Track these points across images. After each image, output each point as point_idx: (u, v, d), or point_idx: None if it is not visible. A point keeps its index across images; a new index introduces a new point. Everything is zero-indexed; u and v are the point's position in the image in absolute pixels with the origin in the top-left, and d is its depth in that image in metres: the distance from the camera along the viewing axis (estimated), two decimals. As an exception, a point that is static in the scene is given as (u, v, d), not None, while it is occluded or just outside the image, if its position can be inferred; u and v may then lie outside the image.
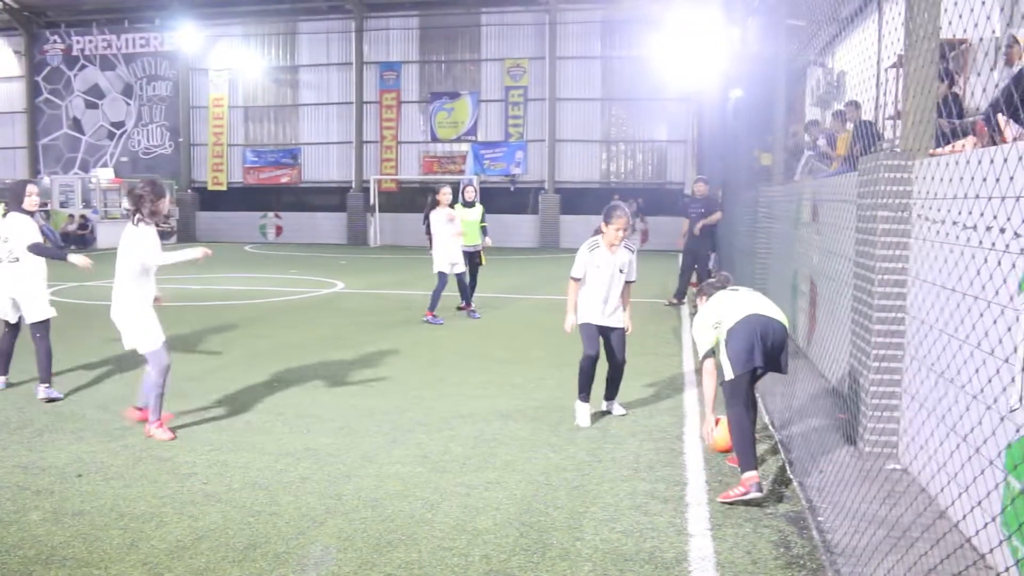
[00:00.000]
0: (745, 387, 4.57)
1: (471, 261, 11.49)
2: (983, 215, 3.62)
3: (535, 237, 28.28)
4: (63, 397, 6.61)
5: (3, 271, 6.58)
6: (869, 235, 5.13)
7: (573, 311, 6.03)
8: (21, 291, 6.60)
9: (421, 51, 29.26)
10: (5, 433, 5.65)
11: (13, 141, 32.96)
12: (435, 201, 10.94)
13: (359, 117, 29.41)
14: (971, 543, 3.42)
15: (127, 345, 5.60)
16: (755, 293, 5.02)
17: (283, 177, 30.67)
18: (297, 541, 3.90)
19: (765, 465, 5.01)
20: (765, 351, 4.53)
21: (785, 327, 4.68)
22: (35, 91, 32.50)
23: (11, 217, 6.60)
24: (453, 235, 10.85)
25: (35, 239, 6.54)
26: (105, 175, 28.10)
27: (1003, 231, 3.45)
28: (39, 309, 6.64)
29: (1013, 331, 3.29)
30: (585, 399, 5.98)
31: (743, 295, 4.89)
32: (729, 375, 4.55)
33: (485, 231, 11.84)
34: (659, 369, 7.87)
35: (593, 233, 6.00)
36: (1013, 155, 3.39)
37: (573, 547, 3.86)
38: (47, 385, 6.59)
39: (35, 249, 6.51)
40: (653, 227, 26.77)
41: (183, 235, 29.55)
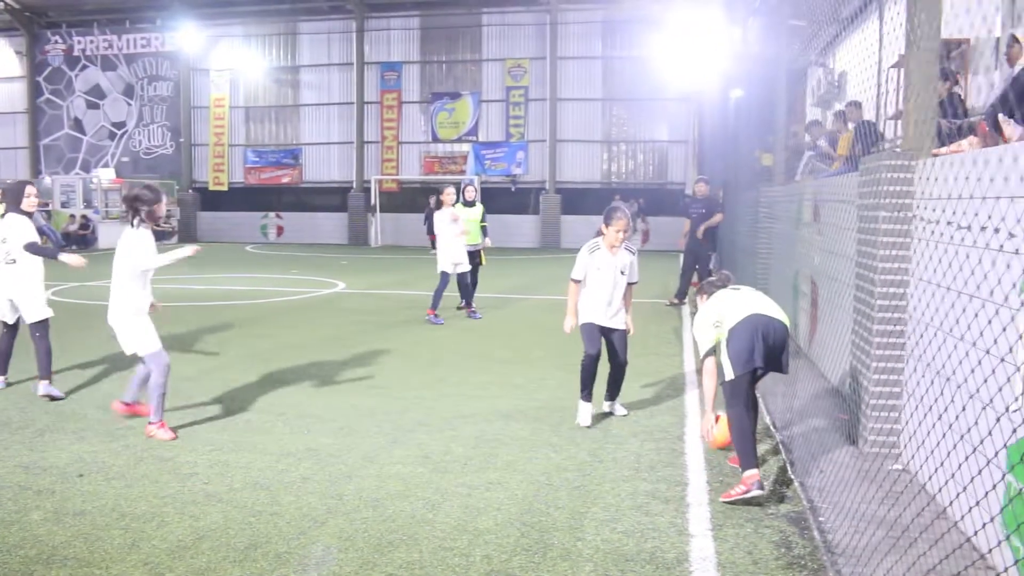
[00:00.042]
0: (745, 387, 4.57)
1: (471, 261, 11.52)
2: (991, 217, 3.62)
3: (536, 237, 28.29)
4: (64, 396, 6.62)
5: (1, 272, 6.59)
6: (870, 235, 5.13)
7: (573, 313, 6.03)
8: (19, 292, 6.61)
9: (422, 51, 29.28)
10: (7, 433, 5.66)
11: (14, 141, 33.01)
12: (439, 201, 11.07)
13: (360, 117, 29.43)
14: (971, 542, 3.42)
15: (127, 350, 5.64)
16: (756, 292, 5.01)
17: (284, 177, 30.70)
18: (298, 541, 3.91)
19: (766, 465, 5.01)
20: (766, 351, 4.53)
21: (786, 326, 4.68)
22: (36, 91, 32.55)
23: (9, 218, 6.60)
24: (457, 235, 10.90)
25: (31, 238, 6.55)
26: (106, 175, 28.12)
27: (1004, 232, 3.44)
28: (37, 309, 6.65)
29: (1007, 331, 3.28)
30: (587, 399, 5.97)
31: (744, 294, 4.88)
32: (730, 375, 4.56)
33: (485, 231, 11.87)
34: (660, 369, 7.87)
35: (595, 235, 6.01)
36: (1011, 155, 3.38)
37: (574, 547, 3.86)
38: (47, 382, 6.61)
39: (31, 248, 6.51)
40: (654, 227, 26.78)
41: (184, 235, 29.56)
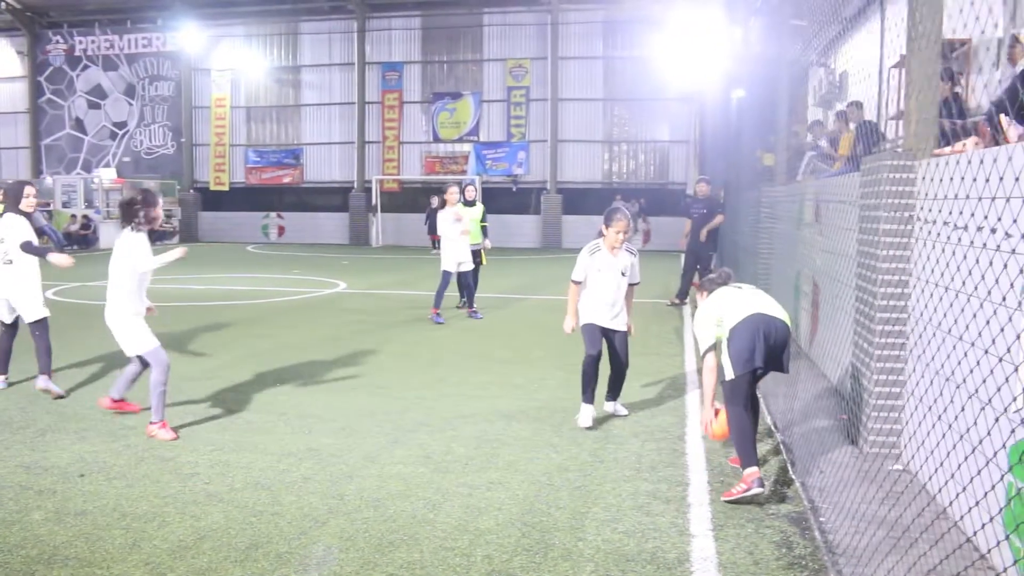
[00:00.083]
0: (745, 387, 4.56)
1: (472, 260, 11.54)
2: (1001, 219, 3.61)
3: (537, 237, 28.30)
4: (66, 394, 6.63)
5: None
6: (872, 235, 5.12)
7: (573, 314, 6.03)
8: (16, 293, 6.63)
9: (423, 51, 29.29)
10: (8, 433, 5.66)
11: (16, 141, 33.04)
12: (443, 201, 11.11)
13: (361, 117, 29.45)
14: (971, 542, 3.42)
15: (128, 352, 5.68)
16: (758, 291, 5.00)
17: (285, 177, 30.72)
18: (299, 541, 3.91)
19: (767, 466, 5.00)
20: (767, 351, 4.52)
21: (787, 326, 4.67)
22: (38, 91, 32.59)
23: (7, 218, 6.61)
24: (460, 234, 10.93)
25: (27, 238, 6.56)
26: (107, 175, 28.14)
27: (1001, 232, 3.44)
28: (35, 309, 6.67)
29: (1005, 331, 3.28)
30: (588, 401, 5.94)
31: (745, 293, 4.87)
32: (730, 375, 4.55)
33: (486, 231, 11.88)
34: (661, 369, 7.87)
35: (596, 236, 6.00)
36: (1013, 156, 3.38)
37: (575, 547, 3.86)
38: (47, 376, 6.63)
39: (26, 247, 6.54)
40: (655, 227, 26.78)
41: (185, 235, 29.58)
